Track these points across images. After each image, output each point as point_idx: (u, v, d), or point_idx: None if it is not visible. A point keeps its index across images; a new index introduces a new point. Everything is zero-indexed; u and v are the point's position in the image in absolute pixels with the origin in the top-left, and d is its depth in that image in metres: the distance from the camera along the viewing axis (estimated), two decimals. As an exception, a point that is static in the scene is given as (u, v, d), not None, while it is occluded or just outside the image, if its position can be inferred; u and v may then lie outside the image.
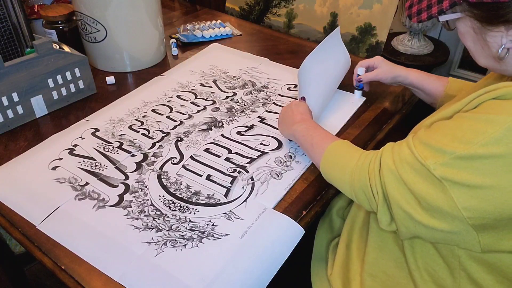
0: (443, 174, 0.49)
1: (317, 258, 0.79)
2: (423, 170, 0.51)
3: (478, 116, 0.49)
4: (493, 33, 0.52)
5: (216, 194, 0.70)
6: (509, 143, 0.45)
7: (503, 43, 0.52)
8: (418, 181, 0.51)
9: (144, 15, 1.01)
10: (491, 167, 0.46)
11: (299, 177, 0.74)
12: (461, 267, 0.57)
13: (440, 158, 0.49)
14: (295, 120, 0.75)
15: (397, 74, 0.84)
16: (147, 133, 0.84)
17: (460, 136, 0.49)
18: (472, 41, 0.56)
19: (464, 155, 0.47)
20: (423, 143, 0.53)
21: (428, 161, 0.50)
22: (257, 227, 0.64)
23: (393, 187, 0.54)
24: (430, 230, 0.52)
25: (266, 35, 1.25)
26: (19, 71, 0.82)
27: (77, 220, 0.66)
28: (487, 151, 0.46)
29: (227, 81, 1.01)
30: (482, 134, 0.47)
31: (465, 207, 0.48)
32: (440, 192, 0.49)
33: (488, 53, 0.55)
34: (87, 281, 0.58)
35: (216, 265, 0.59)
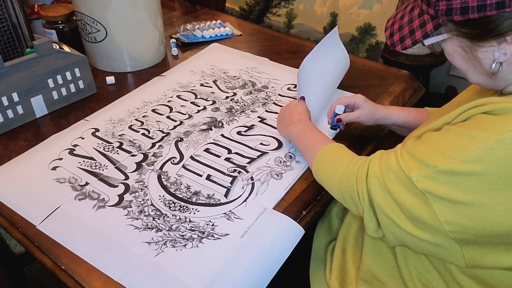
0: (425, 186, 0.49)
1: (316, 260, 0.79)
2: (407, 181, 0.51)
3: (463, 130, 0.49)
4: (485, 48, 0.50)
5: (216, 194, 0.70)
6: (490, 161, 0.45)
7: (495, 57, 0.50)
8: (402, 191, 0.51)
9: (144, 15, 1.01)
10: (471, 184, 0.46)
11: (299, 177, 0.74)
12: (454, 280, 0.57)
13: (423, 170, 0.49)
14: (293, 121, 0.75)
15: (379, 116, 0.78)
16: (147, 133, 0.84)
17: (443, 150, 0.49)
18: (463, 60, 0.54)
19: (446, 169, 0.47)
20: (409, 154, 0.53)
21: (411, 172, 0.50)
22: (257, 227, 0.64)
23: (378, 194, 0.54)
24: (415, 239, 0.52)
25: (266, 35, 1.25)
26: (19, 71, 0.82)
27: (77, 220, 0.66)
28: (468, 168, 0.46)
29: (227, 81, 1.01)
30: (464, 150, 0.46)
31: (446, 221, 0.48)
32: (422, 204, 0.49)
33: (481, 70, 0.53)
34: (87, 281, 0.58)
35: (216, 265, 0.59)
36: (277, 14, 1.37)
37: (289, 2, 1.34)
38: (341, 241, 0.75)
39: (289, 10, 1.34)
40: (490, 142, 0.45)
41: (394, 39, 0.58)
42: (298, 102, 0.80)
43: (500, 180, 0.45)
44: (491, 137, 0.45)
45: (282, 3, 1.35)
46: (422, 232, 0.51)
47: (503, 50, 0.49)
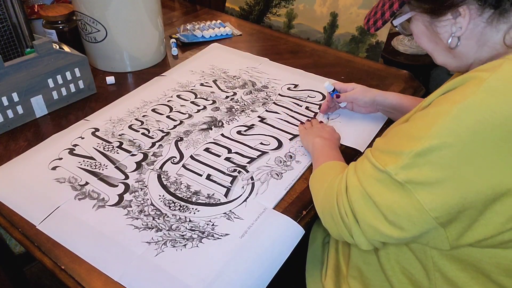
0: (405, 177, 0.48)
1: (312, 260, 0.79)
2: (386, 178, 0.50)
3: (428, 111, 0.49)
4: (443, 23, 0.53)
5: (216, 194, 0.70)
6: (459, 130, 0.45)
7: (452, 31, 0.53)
8: (383, 192, 0.51)
9: (144, 15, 1.01)
10: (447, 158, 0.46)
11: (299, 177, 0.74)
12: (435, 267, 0.57)
13: (400, 161, 0.49)
14: (322, 135, 0.77)
15: (375, 94, 0.82)
16: (147, 133, 0.84)
17: (414, 133, 0.49)
18: (427, 39, 0.57)
19: (420, 151, 0.47)
20: (381, 151, 0.53)
21: (388, 167, 0.50)
22: (257, 227, 0.64)
23: (360, 203, 0.53)
24: (401, 240, 0.52)
25: (266, 35, 1.25)
26: (19, 71, 0.82)
27: (77, 220, 0.66)
28: (440, 141, 0.46)
29: (227, 81, 1.01)
30: (432, 126, 0.47)
31: (431, 208, 0.48)
32: (405, 197, 0.49)
33: (442, 47, 0.56)
34: (87, 281, 0.58)
35: (216, 265, 0.59)
36: (277, 14, 1.37)
37: (289, 2, 1.33)
38: (333, 241, 0.75)
39: (289, 10, 1.34)
40: (454, 111, 0.46)
41: (369, 23, 0.63)
42: (331, 126, 0.83)
43: (471, 147, 0.45)
44: (453, 107, 0.46)
45: (282, 3, 1.35)
46: (407, 231, 0.50)
47: (459, 24, 0.52)
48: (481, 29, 0.52)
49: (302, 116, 0.89)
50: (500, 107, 0.44)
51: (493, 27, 0.51)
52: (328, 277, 0.72)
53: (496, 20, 0.50)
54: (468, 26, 0.52)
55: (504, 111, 0.44)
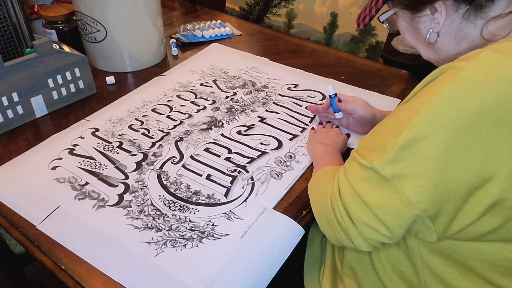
0: (391, 172, 0.48)
1: (310, 260, 0.79)
2: (373, 176, 0.50)
3: (409, 104, 0.50)
4: (422, 18, 0.55)
5: (216, 194, 0.70)
6: (438, 119, 0.46)
7: (431, 27, 0.55)
8: (371, 190, 0.51)
9: (144, 15, 1.01)
10: (428, 148, 0.46)
11: (299, 177, 0.74)
12: (423, 264, 0.57)
13: (384, 156, 0.49)
14: (324, 141, 0.76)
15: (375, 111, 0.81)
16: (147, 133, 0.84)
17: (397, 127, 0.49)
18: (410, 35, 0.60)
19: (404, 143, 0.47)
20: (367, 149, 0.53)
21: (374, 163, 0.50)
22: (257, 227, 0.64)
23: (352, 205, 0.53)
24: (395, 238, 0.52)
25: (266, 35, 1.25)
26: (19, 71, 0.82)
27: (77, 220, 0.66)
28: (422, 132, 0.46)
29: (227, 81, 1.01)
30: (414, 117, 0.47)
31: (418, 201, 0.47)
32: (392, 193, 0.49)
33: (423, 42, 0.58)
34: (87, 281, 0.58)
35: (216, 265, 0.59)
36: (277, 14, 1.37)
37: (289, 2, 1.33)
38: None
39: (289, 10, 1.34)
40: (433, 102, 0.46)
41: (360, 19, 0.66)
42: (341, 133, 0.80)
43: (449, 135, 0.45)
44: (432, 97, 0.46)
45: (282, 3, 1.35)
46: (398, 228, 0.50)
47: (437, 20, 0.54)
48: (458, 24, 0.53)
49: (302, 116, 0.89)
50: (476, 95, 0.45)
51: (470, 23, 0.52)
52: (325, 277, 0.73)
53: (473, 15, 0.52)
54: (445, 22, 0.54)
55: (481, 99, 0.45)
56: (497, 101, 0.45)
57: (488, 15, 0.51)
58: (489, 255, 0.52)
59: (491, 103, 0.45)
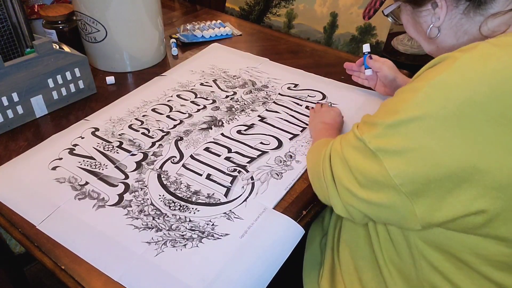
0: (376, 145, 0.51)
1: (309, 260, 0.79)
2: (361, 146, 0.54)
3: (407, 87, 0.52)
4: (423, 13, 0.57)
5: (216, 193, 0.70)
6: (427, 105, 0.47)
7: (431, 22, 0.56)
8: (357, 157, 0.54)
9: (144, 15, 1.01)
10: (414, 130, 0.48)
11: (299, 176, 0.74)
12: (420, 257, 0.58)
13: (374, 131, 0.52)
14: (324, 120, 0.81)
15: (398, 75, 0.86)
16: (147, 133, 0.84)
17: (391, 108, 0.52)
18: (412, 29, 0.62)
19: (392, 123, 0.50)
20: (363, 122, 0.56)
21: (364, 135, 0.53)
22: (257, 227, 0.64)
23: (338, 167, 0.57)
24: (371, 206, 0.54)
25: (266, 35, 1.25)
26: (19, 71, 0.82)
27: (77, 219, 0.66)
28: (410, 115, 0.48)
29: (227, 81, 1.01)
30: (406, 101, 0.49)
31: (396, 175, 0.50)
32: (375, 164, 0.51)
33: (424, 36, 0.60)
34: (87, 281, 0.58)
35: (216, 265, 0.59)
36: (277, 14, 1.37)
37: (289, 2, 1.33)
38: (330, 240, 0.76)
39: (289, 10, 1.34)
40: (425, 88, 0.48)
41: (365, 12, 0.69)
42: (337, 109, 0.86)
43: (436, 121, 0.47)
44: (426, 84, 0.48)
45: (282, 3, 1.35)
46: (376, 194, 0.53)
47: (437, 15, 0.55)
48: (458, 20, 0.55)
49: (302, 116, 0.89)
50: (467, 85, 0.46)
51: (470, 19, 0.54)
52: (324, 278, 0.73)
53: (473, 12, 0.53)
54: (445, 17, 0.55)
55: (471, 89, 0.46)
56: (488, 94, 0.45)
57: (487, 12, 0.52)
58: (484, 250, 0.53)
59: (481, 95, 0.45)
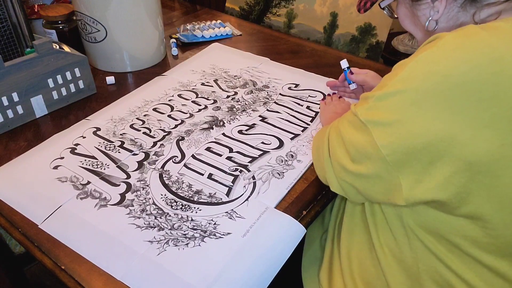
0: (366, 117, 0.54)
1: (308, 255, 0.80)
2: (354, 119, 0.56)
3: (399, 63, 0.54)
4: (422, 6, 0.58)
5: (217, 193, 0.70)
6: (410, 78, 0.50)
7: (430, 15, 0.58)
8: (351, 131, 0.57)
9: (144, 15, 1.01)
10: (397, 103, 0.51)
11: (300, 176, 0.74)
12: (414, 237, 0.60)
13: (365, 104, 0.55)
14: (337, 111, 0.83)
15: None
16: (149, 132, 0.84)
17: (383, 83, 0.54)
18: (409, 22, 0.63)
19: (380, 95, 0.53)
20: (360, 99, 0.59)
21: (357, 109, 0.56)
22: (259, 226, 0.64)
23: (333, 141, 0.61)
24: (360, 179, 0.57)
25: (266, 35, 1.25)
26: (19, 71, 0.82)
27: (79, 219, 0.65)
28: (394, 88, 0.51)
29: (228, 80, 1.01)
30: (394, 76, 0.52)
31: (383, 145, 0.52)
32: (365, 135, 0.54)
33: (421, 29, 0.61)
34: (87, 281, 0.58)
35: (218, 264, 0.59)
36: (277, 14, 1.37)
37: (289, 2, 1.34)
38: (331, 232, 0.76)
39: (289, 10, 1.34)
40: (411, 63, 0.50)
41: (360, 5, 0.68)
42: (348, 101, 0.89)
43: (417, 94, 0.49)
44: (412, 59, 0.51)
45: (282, 3, 1.35)
46: (365, 167, 0.55)
47: (436, 8, 0.56)
48: (455, 13, 0.56)
49: (303, 116, 0.89)
50: (447, 59, 0.48)
51: (466, 11, 0.56)
52: (323, 270, 0.74)
53: (469, 5, 0.55)
54: (444, 11, 0.56)
55: (451, 63, 0.48)
56: (466, 68, 0.47)
57: (482, 3, 0.54)
58: (471, 231, 0.54)
59: (460, 69, 0.47)
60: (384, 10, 0.67)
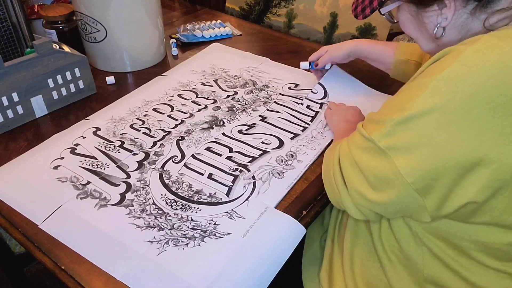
0: (386, 143, 0.51)
1: (308, 255, 0.80)
2: (370, 145, 0.53)
3: (413, 83, 0.52)
4: (429, 13, 0.56)
5: (217, 193, 0.70)
6: (434, 99, 0.48)
7: (438, 22, 0.56)
8: (367, 158, 0.54)
9: (144, 15, 1.01)
10: (422, 125, 0.48)
11: (300, 176, 0.74)
12: (421, 243, 0.59)
13: (383, 129, 0.52)
14: (348, 119, 0.79)
15: (347, 47, 0.89)
16: (148, 132, 0.84)
17: (398, 105, 0.52)
18: (413, 27, 0.61)
19: (400, 120, 0.50)
20: (369, 121, 0.57)
21: (373, 134, 0.53)
22: (259, 226, 0.64)
23: (348, 170, 0.57)
24: (382, 206, 0.55)
25: (266, 35, 1.25)
26: (19, 71, 0.82)
27: (79, 219, 0.65)
28: (418, 110, 0.49)
29: (228, 80, 1.01)
30: (414, 97, 0.49)
31: (407, 173, 0.50)
32: (386, 163, 0.52)
33: (427, 36, 0.59)
34: (87, 281, 0.58)
35: (219, 264, 0.59)
36: (277, 14, 1.37)
37: (289, 2, 1.34)
38: (331, 233, 0.76)
39: (289, 10, 1.34)
40: (432, 83, 0.48)
41: (357, 10, 0.66)
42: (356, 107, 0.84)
43: (443, 115, 0.47)
44: (432, 78, 0.48)
45: (282, 3, 1.35)
46: (386, 194, 0.53)
47: (444, 15, 0.55)
48: (464, 19, 0.55)
49: (303, 115, 0.89)
50: (472, 77, 0.46)
51: (475, 17, 0.54)
52: (323, 269, 0.74)
53: (479, 11, 0.53)
54: (452, 17, 0.55)
55: (476, 81, 0.46)
56: (492, 84, 0.46)
57: (493, 9, 0.52)
58: (484, 237, 0.54)
59: (486, 86, 0.46)
60: (384, 15, 0.65)
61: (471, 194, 0.49)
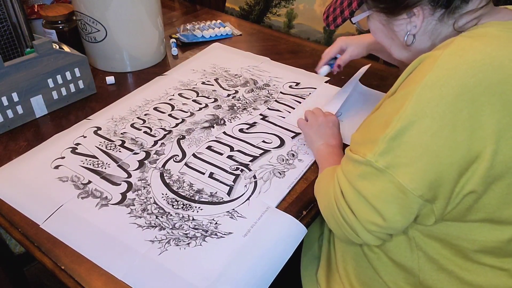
0: (384, 163, 0.50)
1: (306, 255, 0.80)
2: (368, 170, 0.51)
3: (395, 96, 0.51)
4: (399, 22, 0.57)
5: (219, 192, 0.70)
6: (423, 107, 0.47)
7: (408, 29, 0.57)
8: (368, 184, 0.52)
9: (144, 15, 1.01)
10: (417, 136, 0.48)
11: (301, 175, 0.73)
12: (417, 247, 0.59)
13: (377, 148, 0.50)
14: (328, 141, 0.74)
15: (367, 43, 0.87)
16: (149, 131, 0.84)
17: (386, 119, 0.50)
18: (384, 35, 0.61)
19: (393, 134, 0.49)
20: (358, 144, 0.54)
21: (367, 156, 0.51)
22: (260, 226, 0.64)
23: (354, 202, 0.54)
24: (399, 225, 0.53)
25: (266, 35, 1.25)
26: (19, 71, 0.82)
27: (80, 218, 0.65)
28: (408, 121, 0.48)
29: (229, 79, 1.01)
30: (400, 108, 0.49)
31: (413, 188, 0.49)
32: (388, 182, 0.50)
33: (398, 43, 0.60)
34: (87, 281, 0.57)
35: (220, 263, 0.59)
36: (277, 14, 1.37)
37: (289, 2, 1.34)
38: (327, 233, 0.76)
39: (289, 10, 1.34)
40: (416, 91, 0.48)
41: (329, 19, 0.67)
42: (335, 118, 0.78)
43: (433, 121, 0.47)
44: (415, 86, 0.48)
45: (282, 3, 1.35)
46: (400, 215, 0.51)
47: (414, 23, 0.56)
48: (433, 26, 0.56)
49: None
50: (454, 79, 0.47)
51: (444, 23, 0.55)
52: (321, 269, 0.74)
53: (446, 16, 0.54)
54: (422, 25, 0.55)
55: (459, 82, 0.47)
56: (474, 83, 0.46)
57: (460, 13, 0.54)
58: (480, 235, 0.54)
59: (468, 85, 0.46)
60: (355, 24, 0.66)
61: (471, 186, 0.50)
